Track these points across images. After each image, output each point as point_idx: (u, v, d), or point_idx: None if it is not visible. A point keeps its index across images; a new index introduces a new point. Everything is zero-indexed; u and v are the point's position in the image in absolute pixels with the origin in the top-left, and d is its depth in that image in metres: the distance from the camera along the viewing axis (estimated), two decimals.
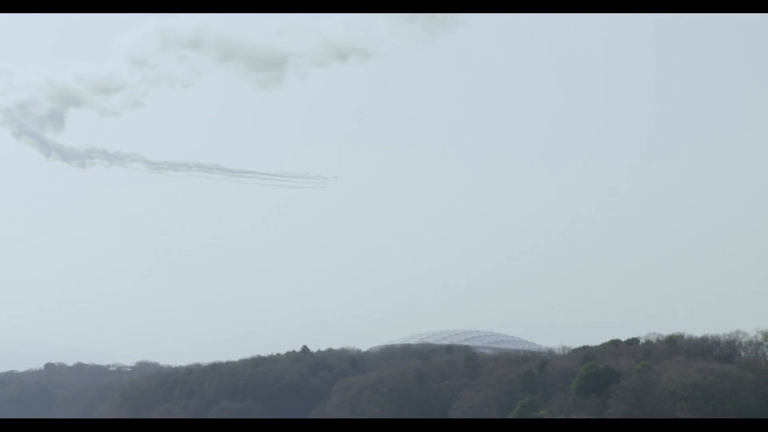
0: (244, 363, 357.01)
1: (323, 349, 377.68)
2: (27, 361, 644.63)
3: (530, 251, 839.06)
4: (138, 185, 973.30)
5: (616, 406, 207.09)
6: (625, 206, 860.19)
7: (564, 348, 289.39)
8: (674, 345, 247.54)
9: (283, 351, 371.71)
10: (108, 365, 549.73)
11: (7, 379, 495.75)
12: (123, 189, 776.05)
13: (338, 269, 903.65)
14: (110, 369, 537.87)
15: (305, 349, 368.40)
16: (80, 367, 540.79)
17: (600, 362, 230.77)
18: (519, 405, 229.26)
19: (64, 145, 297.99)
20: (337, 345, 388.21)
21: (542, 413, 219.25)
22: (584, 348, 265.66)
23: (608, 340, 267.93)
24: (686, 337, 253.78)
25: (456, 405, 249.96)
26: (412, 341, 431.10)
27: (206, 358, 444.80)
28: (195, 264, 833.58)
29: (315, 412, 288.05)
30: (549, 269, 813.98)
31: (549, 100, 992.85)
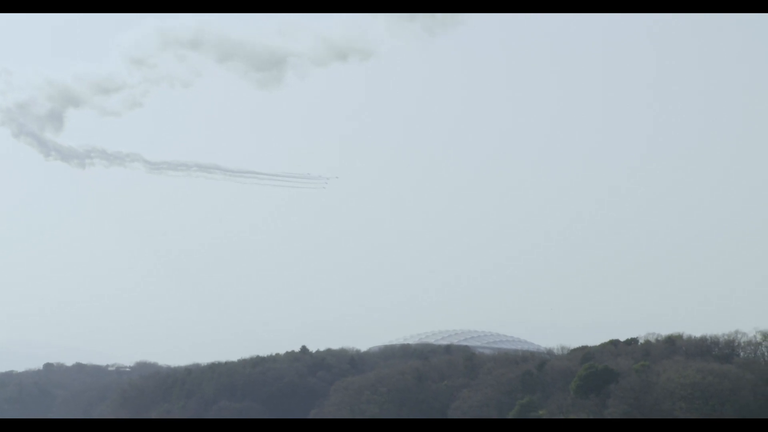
0: (243, 363, 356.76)
1: (322, 349, 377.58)
2: (26, 361, 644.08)
3: (529, 251, 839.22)
4: (137, 185, 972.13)
5: (615, 406, 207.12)
6: (625, 206, 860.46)
7: (563, 348, 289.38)
8: (673, 345, 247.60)
9: (282, 351, 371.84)
10: (107, 365, 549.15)
11: (6, 379, 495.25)
12: (122, 189, 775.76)
13: (337, 269, 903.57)
14: (109, 369, 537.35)
15: (304, 349, 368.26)
16: (79, 367, 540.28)
17: (599, 362, 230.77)
18: (518, 405, 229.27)
19: (64, 145, 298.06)
20: (336, 345, 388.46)
21: (541, 413, 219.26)
22: (583, 348, 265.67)
23: (607, 340, 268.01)
24: (685, 337, 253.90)
25: (455, 405, 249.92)
26: (411, 341, 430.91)
27: (205, 358, 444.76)
28: (194, 264, 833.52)
29: (314, 412, 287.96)
30: (548, 269, 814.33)
31: (549, 100, 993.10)
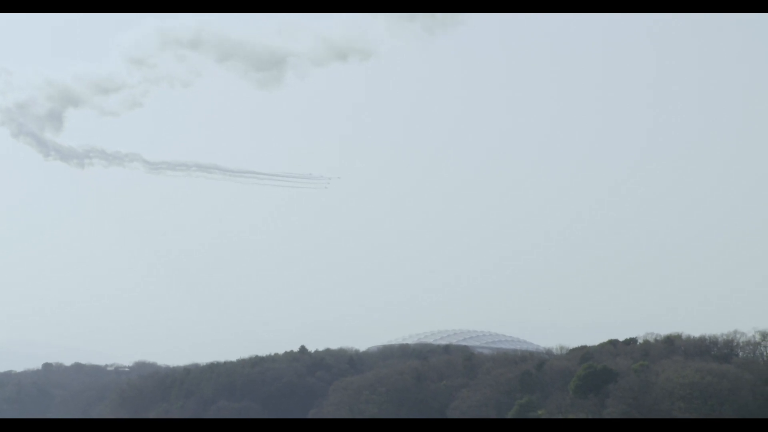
0: (242, 363, 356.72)
1: (321, 349, 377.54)
2: (25, 361, 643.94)
3: (528, 251, 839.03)
4: (137, 185, 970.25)
5: (614, 406, 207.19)
6: (624, 206, 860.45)
7: (562, 348, 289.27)
8: (672, 345, 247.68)
9: (281, 351, 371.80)
10: (106, 365, 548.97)
11: (5, 379, 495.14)
12: (122, 189, 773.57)
13: (336, 269, 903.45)
14: (108, 369, 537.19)
15: (303, 349, 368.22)
16: (78, 367, 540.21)
17: (598, 362, 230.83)
18: (517, 405, 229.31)
19: (63, 145, 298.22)
20: (335, 345, 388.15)
21: (540, 413, 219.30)
22: (582, 348, 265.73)
23: (606, 340, 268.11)
24: (684, 337, 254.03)
25: (454, 405, 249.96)
26: (410, 341, 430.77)
27: (204, 358, 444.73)
28: (193, 264, 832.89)
29: (313, 412, 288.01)
30: (547, 269, 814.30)
31: (549, 100, 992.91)
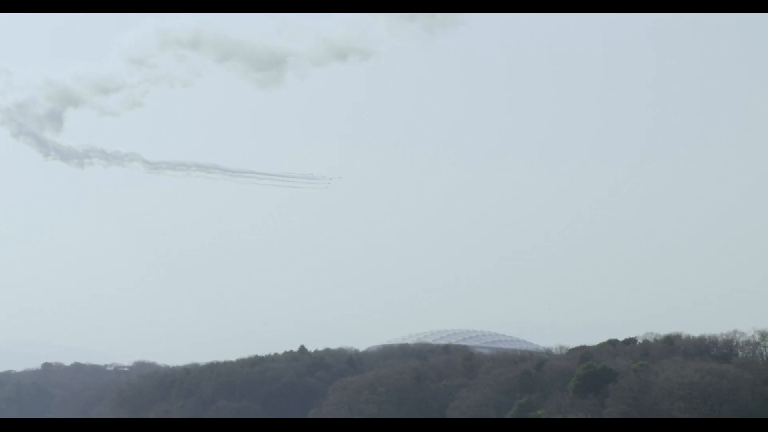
0: (242, 363, 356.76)
1: (321, 349, 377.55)
2: (25, 361, 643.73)
3: (528, 251, 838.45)
4: (137, 185, 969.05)
5: (614, 406, 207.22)
6: (623, 206, 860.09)
7: (561, 348, 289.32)
8: (672, 345, 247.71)
9: (281, 351, 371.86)
10: (105, 365, 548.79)
11: (5, 379, 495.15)
12: (121, 189, 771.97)
13: (336, 269, 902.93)
14: (108, 369, 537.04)
15: (303, 349, 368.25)
16: (78, 367, 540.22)
17: (597, 362, 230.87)
18: (516, 405, 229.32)
19: (63, 145, 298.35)
20: (335, 345, 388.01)
21: (540, 413, 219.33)
22: (582, 348, 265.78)
23: (606, 340, 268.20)
24: (684, 337, 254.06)
25: (453, 405, 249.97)
26: (410, 341, 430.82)
27: (204, 358, 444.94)
28: (193, 264, 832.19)
29: (313, 412, 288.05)
30: (547, 269, 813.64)
31: (548, 100, 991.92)
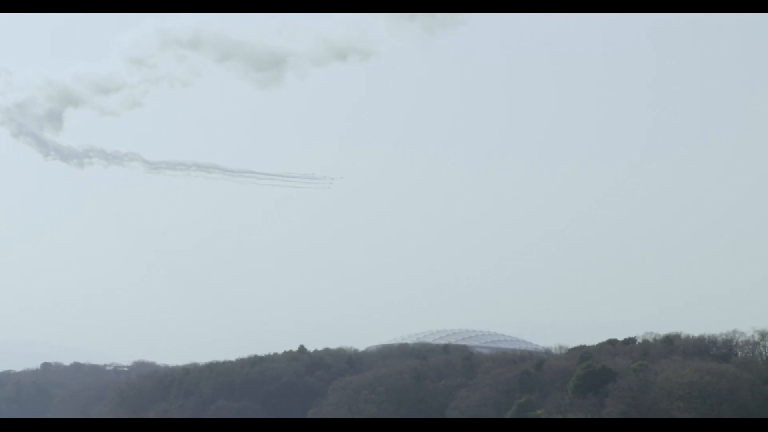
0: (241, 362, 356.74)
1: (320, 349, 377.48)
2: (24, 361, 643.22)
3: (527, 251, 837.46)
4: (136, 185, 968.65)
5: (613, 406, 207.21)
6: (623, 206, 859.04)
7: (561, 347, 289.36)
8: (671, 344, 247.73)
9: (280, 350, 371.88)
10: (105, 365, 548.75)
11: (5, 379, 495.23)
12: (121, 189, 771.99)
13: (335, 269, 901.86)
14: (107, 368, 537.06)
15: (302, 349, 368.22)
16: (77, 367, 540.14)
17: (597, 362, 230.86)
18: (516, 404, 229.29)
19: (63, 145, 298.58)
20: (334, 344, 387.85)
21: (539, 413, 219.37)
22: (581, 347, 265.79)
23: (605, 340, 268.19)
24: (683, 337, 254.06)
25: (453, 404, 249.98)
26: (409, 341, 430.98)
27: (203, 358, 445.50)
28: (192, 264, 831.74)
29: (312, 412, 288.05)
30: (546, 269, 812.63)
31: (549, 100, 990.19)
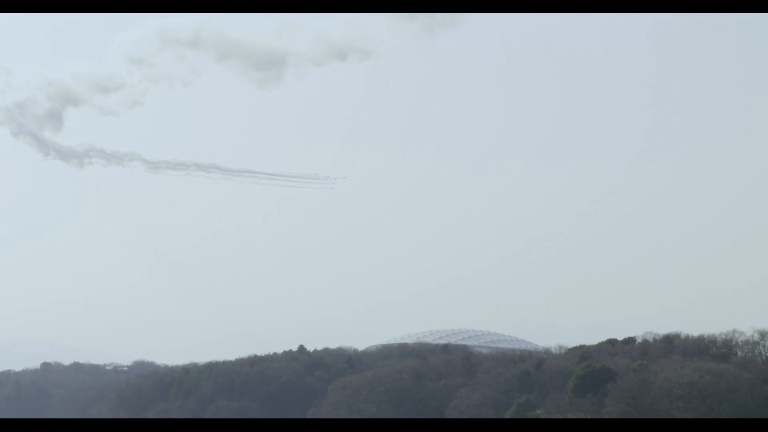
0: (241, 362, 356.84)
1: (320, 349, 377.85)
2: (24, 361, 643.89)
3: (527, 250, 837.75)
4: (136, 184, 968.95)
5: (613, 406, 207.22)
6: (623, 206, 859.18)
7: (561, 347, 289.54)
8: (671, 344, 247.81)
9: (280, 350, 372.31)
10: (105, 364, 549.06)
11: (4, 379, 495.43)
12: (121, 188, 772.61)
13: (335, 269, 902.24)
14: (107, 368, 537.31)
15: (302, 349, 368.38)
16: (77, 367, 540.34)
17: (596, 362, 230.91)
18: (515, 404, 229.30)
19: (63, 145, 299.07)
20: (334, 344, 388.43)
21: (539, 412, 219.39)
22: (581, 347, 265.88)
23: (605, 340, 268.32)
24: (683, 337, 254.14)
25: (453, 404, 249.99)
26: (409, 340, 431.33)
27: (203, 358, 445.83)
28: (192, 263, 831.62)
29: (312, 412, 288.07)
30: (546, 268, 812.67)
31: (548, 100, 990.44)
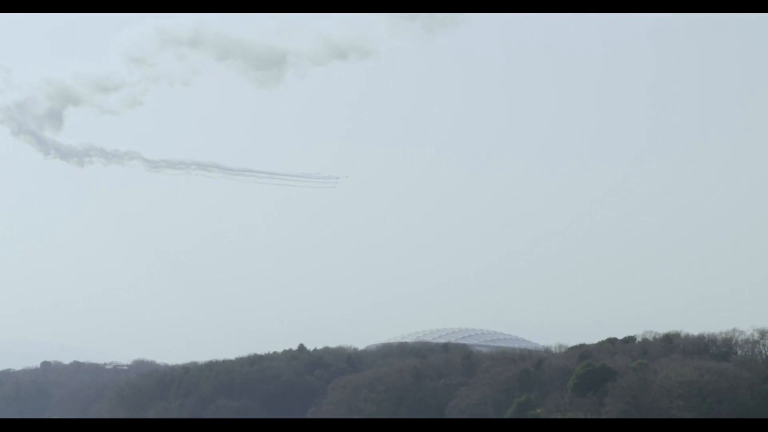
0: (241, 361, 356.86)
1: (320, 348, 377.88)
2: (24, 360, 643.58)
3: (527, 249, 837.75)
4: (136, 184, 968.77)
5: (613, 405, 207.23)
6: (622, 205, 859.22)
7: (561, 346, 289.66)
8: (671, 343, 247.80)
9: (280, 349, 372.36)
10: (104, 364, 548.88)
11: (4, 378, 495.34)
12: (121, 187, 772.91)
13: (335, 268, 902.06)
14: (107, 367, 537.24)
15: (302, 348, 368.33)
16: (77, 366, 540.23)
17: (596, 360, 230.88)
18: (515, 403, 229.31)
19: (63, 144, 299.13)
20: (334, 343, 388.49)
21: (539, 412, 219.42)
22: (581, 346, 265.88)
23: (605, 339, 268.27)
24: (683, 336, 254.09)
25: (453, 403, 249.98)
26: (409, 339, 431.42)
27: (203, 357, 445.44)
28: (192, 263, 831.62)
29: (312, 411, 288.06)
30: (546, 267, 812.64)
31: (548, 100, 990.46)
